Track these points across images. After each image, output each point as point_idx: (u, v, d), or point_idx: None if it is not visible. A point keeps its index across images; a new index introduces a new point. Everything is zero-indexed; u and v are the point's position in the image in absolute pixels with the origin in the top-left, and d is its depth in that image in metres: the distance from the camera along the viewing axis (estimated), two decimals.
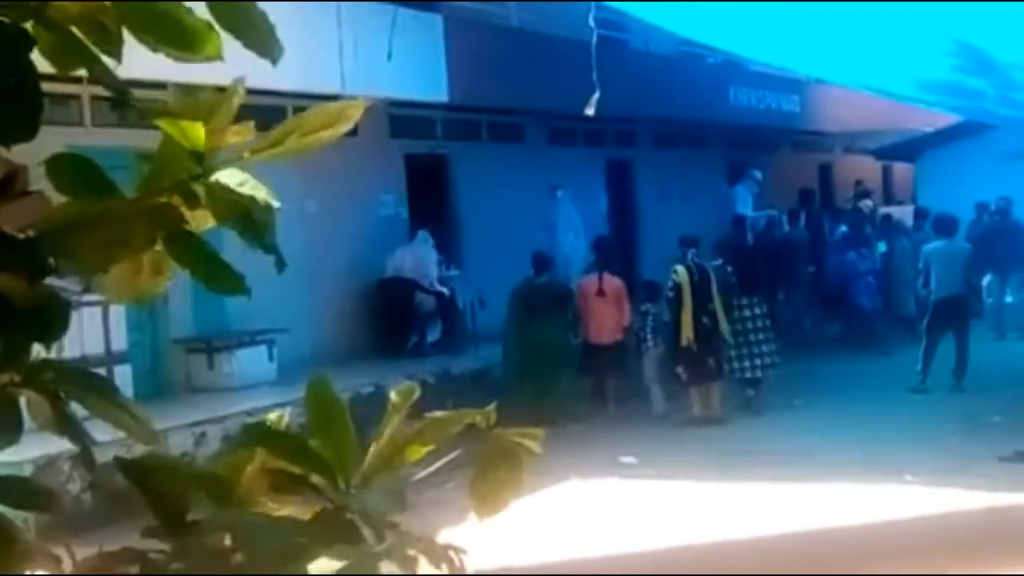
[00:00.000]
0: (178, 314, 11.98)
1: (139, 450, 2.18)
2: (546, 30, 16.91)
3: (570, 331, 13.33)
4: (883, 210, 23.44)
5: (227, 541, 1.45)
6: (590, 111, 9.72)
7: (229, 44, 1.47)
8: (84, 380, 1.49)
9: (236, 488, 1.52)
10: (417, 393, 1.66)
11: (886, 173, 28.83)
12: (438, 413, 1.65)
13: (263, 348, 12.53)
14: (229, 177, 1.43)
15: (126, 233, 1.41)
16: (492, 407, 1.64)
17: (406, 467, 1.60)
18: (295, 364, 12.27)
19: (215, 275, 1.46)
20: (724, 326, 12.83)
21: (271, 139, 1.49)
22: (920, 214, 19.01)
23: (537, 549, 7.02)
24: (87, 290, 1.53)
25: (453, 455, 1.63)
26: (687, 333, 12.54)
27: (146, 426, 1.53)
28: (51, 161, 1.41)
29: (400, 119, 15.62)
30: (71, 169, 1.42)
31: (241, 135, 1.48)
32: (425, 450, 1.61)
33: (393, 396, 1.66)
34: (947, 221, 14.85)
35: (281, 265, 1.46)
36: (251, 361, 12.39)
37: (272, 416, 1.66)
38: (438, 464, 1.64)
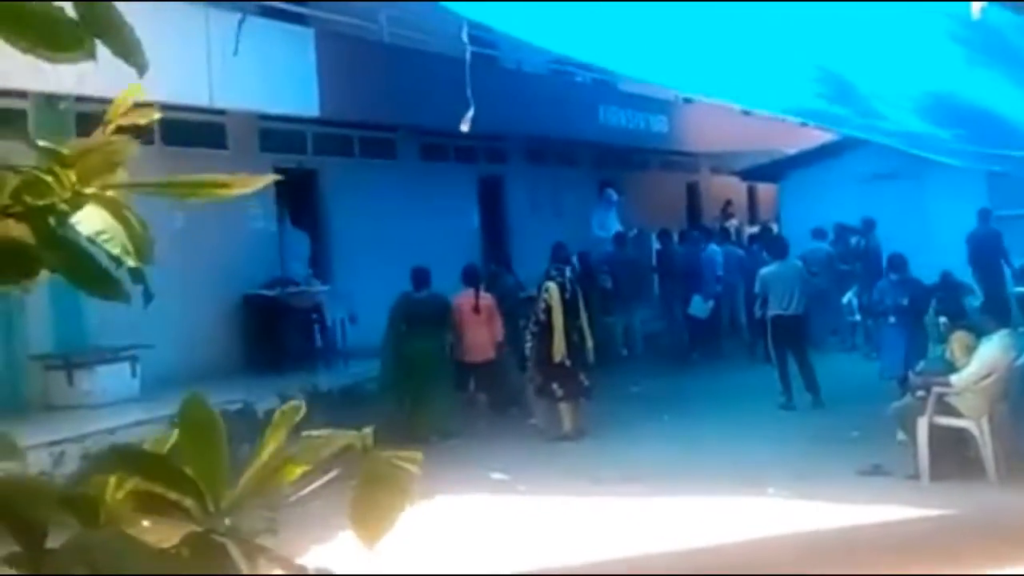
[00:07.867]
0: (36, 330, 11.62)
1: None
2: (417, 46, 16.90)
3: (447, 347, 13.24)
4: (748, 230, 24.05)
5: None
6: (465, 127, 9.75)
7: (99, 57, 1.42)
8: None
9: (102, 509, 1.46)
10: (302, 412, 1.62)
11: (751, 193, 29.52)
12: (314, 433, 1.60)
13: (126, 364, 12.21)
14: (89, 221, 1.36)
15: None
16: (369, 430, 1.60)
17: (280, 489, 1.55)
18: (160, 381, 12.00)
19: (93, 281, 1.41)
20: (590, 343, 12.95)
21: (158, 182, 1.46)
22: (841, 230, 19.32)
23: (405, 566, 6.98)
24: None
25: (329, 477, 1.59)
26: (560, 349, 12.62)
27: (5, 440, 1.47)
28: None
29: (270, 133, 15.43)
30: None
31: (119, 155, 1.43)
32: (299, 471, 1.57)
33: (277, 415, 1.61)
34: (778, 243, 15.29)
35: (148, 297, 1.42)
36: (113, 378, 12.06)
37: (152, 438, 1.59)
38: (313, 486, 1.59)
